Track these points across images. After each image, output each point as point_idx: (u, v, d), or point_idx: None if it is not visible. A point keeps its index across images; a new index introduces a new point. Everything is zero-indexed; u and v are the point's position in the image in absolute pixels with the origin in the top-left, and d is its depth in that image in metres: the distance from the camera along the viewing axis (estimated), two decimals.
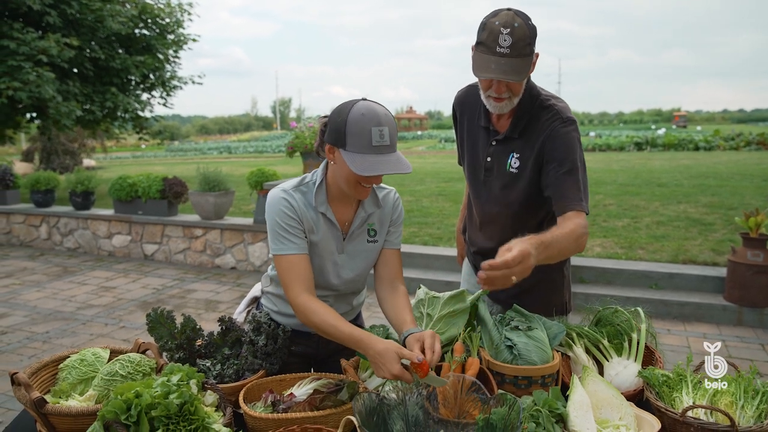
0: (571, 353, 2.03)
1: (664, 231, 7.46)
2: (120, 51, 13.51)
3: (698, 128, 48.05)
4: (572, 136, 2.08)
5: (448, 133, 47.32)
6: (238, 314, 2.23)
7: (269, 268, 2.12)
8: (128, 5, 13.11)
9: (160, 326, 1.99)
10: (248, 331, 2.01)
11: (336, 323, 1.77)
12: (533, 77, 2.15)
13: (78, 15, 11.86)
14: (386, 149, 1.74)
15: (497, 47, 1.89)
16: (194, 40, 14.99)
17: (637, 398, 1.86)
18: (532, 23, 1.93)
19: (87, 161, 23.39)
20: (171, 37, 14.41)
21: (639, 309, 2.11)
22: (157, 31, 14.15)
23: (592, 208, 8.96)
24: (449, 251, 6.75)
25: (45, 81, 10.34)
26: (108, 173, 16.77)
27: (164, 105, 15.29)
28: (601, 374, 1.99)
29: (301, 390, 1.80)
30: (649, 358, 2.06)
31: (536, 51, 1.97)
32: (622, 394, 1.83)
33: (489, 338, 1.97)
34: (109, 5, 12.19)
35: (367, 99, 1.80)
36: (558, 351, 1.98)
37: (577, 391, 1.68)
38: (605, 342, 2.03)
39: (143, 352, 2.01)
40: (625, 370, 1.93)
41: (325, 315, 1.80)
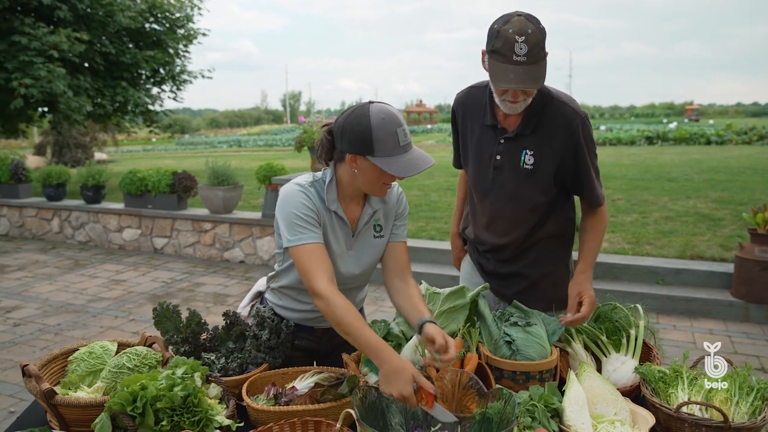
0: (569, 349, 2.06)
1: (672, 226, 7.44)
2: (130, 46, 13.60)
3: (711, 122, 47.58)
4: (590, 131, 2.17)
5: None
6: (242, 308, 2.27)
7: (275, 265, 2.15)
8: (138, 0, 13.18)
9: (166, 320, 2.04)
10: (252, 325, 2.05)
11: (358, 325, 1.72)
12: None
13: (89, 10, 11.95)
14: (410, 146, 1.79)
15: (514, 56, 1.91)
16: (204, 34, 15.06)
17: (635, 394, 1.89)
18: (542, 26, 1.96)
19: (98, 155, 23.57)
20: (181, 31, 14.47)
21: (638, 305, 2.13)
22: (167, 25, 14.22)
23: None
24: None
25: (56, 76, 10.42)
26: (119, 167, 16.90)
27: (174, 99, 15.40)
28: (600, 370, 2.01)
29: (303, 383, 1.84)
30: (647, 355, 2.09)
31: (546, 51, 1.99)
32: (619, 389, 1.85)
33: (488, 334, 2.00)
34: (119, 0, 12.27)
35: (374, 101, 1.82)
36: (557, 347, 2.00)
37: (573, 386, 1.71)
38: (603, 338, 2.06)
39: (150, 346, 2.06)
40: (623, 366, 1.95)
41: (348, 313, 1.74)
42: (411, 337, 2.00)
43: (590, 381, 1.77)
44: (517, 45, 1.89)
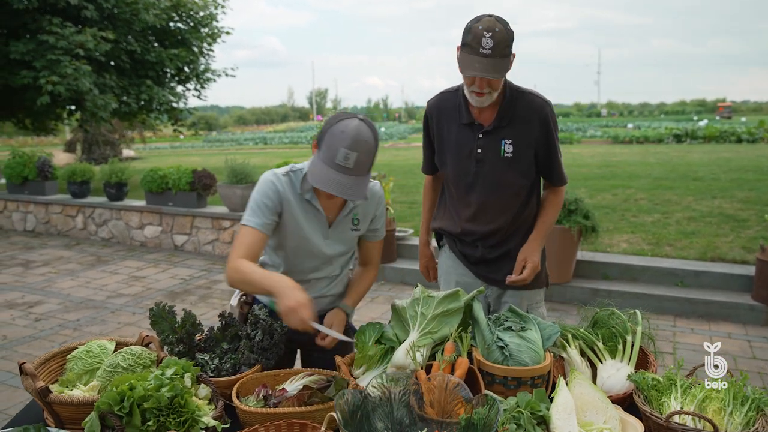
0: (565, 355, 2.03)
1: (694, 227, 7.30)
2: (155, 44, 13.79)
3: (743, 119, 46.52)
4: (555, 117, 2.45)
5: None
6: (234, 299, 2.32)
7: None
8: None
9: (161, 320, 2.06)
10: (246, 326, 2.07)
11: (257, 273, 1.94)
12: (510, 75, 2.41)
13: (115, 10, 12.15)
14: (347, 171, 1.87)
15: (481, 49, 2.14)
16: (228, 33, 15.20)
17: (628, 402, 1.86)
18: (511, 29, 2.20)
19: (126, 152, 24.00)
20: (205, 30, 14.63)
21: (637, 311, 2.10)
22: (192, 24, 14.39)
23: (622, 203, 8.82)
24: None
25: (82, 74, 10.62)
26: (145, 163, 17.15)
27: (198, 97, 15.57)
28: (595, 376, 1.98)
29: (293, 385, 1.85)
30: (644, 362, 2.05)
31: (513, 52, 2.23)
32: (613, 397, 1.83)
33: (482, 338, 1.98)
34: None
35: (365, 120, 1.92)
36: (552, 352, 1.98)
37: (562, 393, 1.69)
38: (599, 344, 2.02)
39: (146, 345, 2.09)
40: (618, 372, 1.92)
41: (248, 267, 1.95)
42: (404, 340, 1.99)
43: (580, 388, 1.74)
44: (485, 39, 2.13)
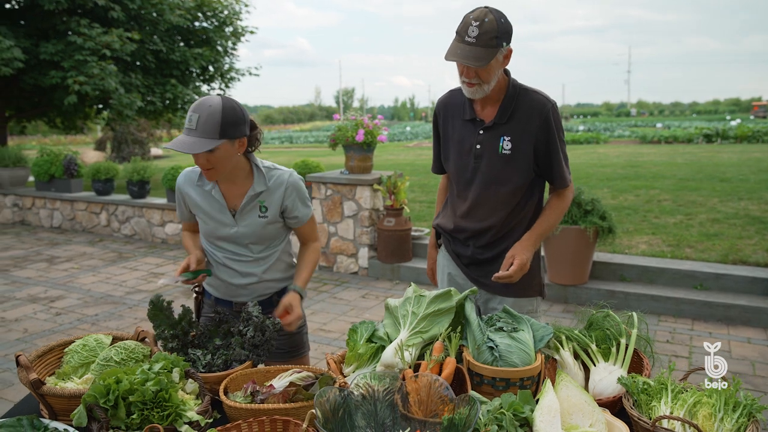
0: (557, 356, 2.00)
1: (717, 229, 7.15)
2: (181, 44, 13.98)
3: None
4: (560, 117, 2.38)
5: None
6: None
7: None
8: None
9: (159, 313, 2.10)
10: (239, 322, 2.08)
11: (186, 239, 2.47)
12: (511, 70, 2.39)
13: (142, 11, 12.35)
14: (190, 132, 2.00)
15: (466, 36, 2.15)
16: (252, 32, 15.33)
17: (619, 405, 1.83)
18: (505, 21, 2.17)
19: (154, 150, 24.39)
20: (229, 29, 14.78)
21: (634, 314, 2.06)
22: (216, 23, 14.54)
23: (644, 204, 8.67)
24: None
25: (108, 74, 10.83)
26: (171, 162, 17.40)
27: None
28: (588, 379, 1.96)
29: (281, 382, 1.86)
30: (638, 365, 2.01)
31: (510, 47, 2.22)
32: (604, 400, 1.80)
33: (473, 338, 1.97)
34: None
35: (226, 97, 2.06)
36: (544, 354, 1.96)
37: (547, 395, 1.67)
38: (593, 346, 2.00)
39: (142, 340, 2.12)
40: (610, 375, 1.89)
41: (185, 235, 2.48)
42: (395, 338, 1.99)
43: (567, 390, 1.72)
44: (471, 28, 2.13)
